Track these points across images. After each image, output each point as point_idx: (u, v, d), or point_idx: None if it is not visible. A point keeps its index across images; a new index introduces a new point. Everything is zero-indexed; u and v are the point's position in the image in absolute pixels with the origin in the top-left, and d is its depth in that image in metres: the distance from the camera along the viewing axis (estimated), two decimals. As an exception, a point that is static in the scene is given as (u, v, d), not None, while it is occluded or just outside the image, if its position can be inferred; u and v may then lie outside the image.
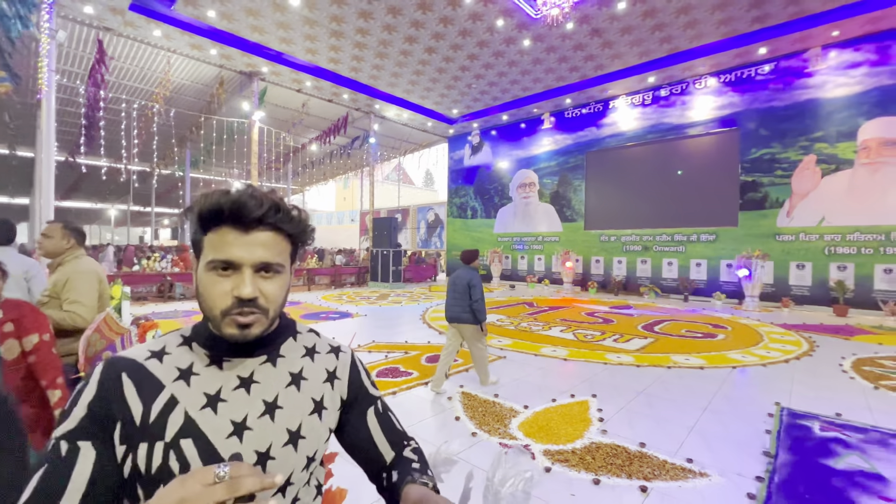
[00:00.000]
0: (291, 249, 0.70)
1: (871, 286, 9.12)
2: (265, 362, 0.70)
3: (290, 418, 0.68)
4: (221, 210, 0.62)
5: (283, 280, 0.67)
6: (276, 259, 0.65)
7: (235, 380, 0.66)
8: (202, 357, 0.67)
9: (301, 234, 0.70)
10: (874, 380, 4.46)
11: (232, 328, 0.63)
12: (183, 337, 0.69)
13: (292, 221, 0.67)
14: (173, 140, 15.95)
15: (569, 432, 3.15)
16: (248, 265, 0.62)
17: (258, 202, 0.62)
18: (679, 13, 8.96)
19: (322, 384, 0.75)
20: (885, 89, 9.06)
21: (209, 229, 0.64)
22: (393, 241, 14.21)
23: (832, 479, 2.55)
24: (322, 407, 0.74)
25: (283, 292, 0.68)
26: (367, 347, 5.68)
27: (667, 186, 12.30)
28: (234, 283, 0.62)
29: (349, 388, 0.80)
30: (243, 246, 0.62)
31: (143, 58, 11.75)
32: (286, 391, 0.70)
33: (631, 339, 6.31)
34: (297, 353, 0.75)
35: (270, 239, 0.64)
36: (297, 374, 0.73)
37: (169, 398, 0.62)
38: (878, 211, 9.08)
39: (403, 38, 10.24)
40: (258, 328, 0.64)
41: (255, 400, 0.66)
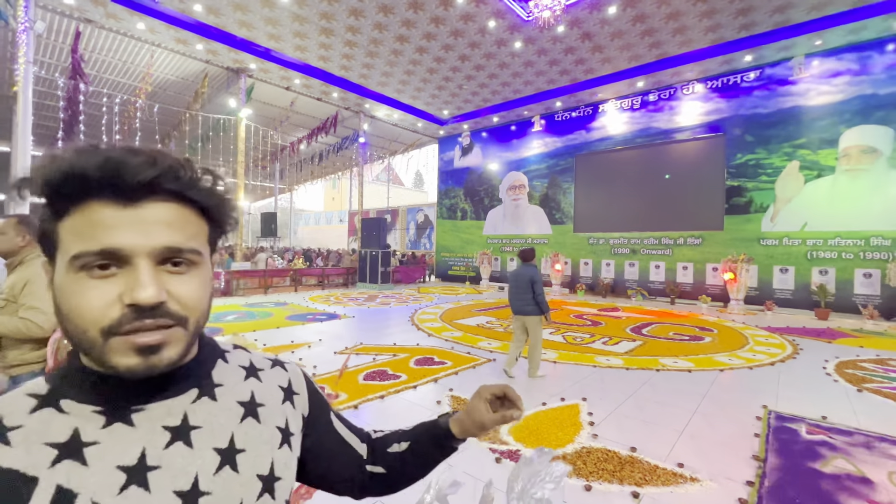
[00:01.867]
0: (209, 233, 0.50)
1: (852, 290, 9.33)
2: (199, 397, 0.50)
3: (257, 460, 0.52)
4: (85, 175, 0.41)
5: (201, 275, 0.48)
6: (187, 243, 0.45)
7: (163, 434, 0.46)
8: (89, 417, 0.44)
9: (219, 207, 0.50)
10: (857, 382, 4.53)
11: (127, 356, 0.42)
12: (36, 396, 0.44)
13: (205, 190, 0.47)
14: (157, 136, 15.58)
15: (559, 437, 3.11)
16: (142, 254, 0.42)
17: (148, 159, 0.43)
18: (668, 19, 9.07)
19: (281, 406, 0.59)
20: (865, 98, 9.29)
21: (66, 210, 0.43)
22: (382, 241, 14.08)
23: (821, 483, 2.56)
24: (290, 434, 0.58)
25: (204, 293, 0.48)
26: (355, 350, 5.58)
27: (654, 190, 12.44)
28: (124, 285, 0.42)
29: (310, 402, 0.65)
30: (131, 226, 0.42)
31: (126, 51, 11.45)
32: (243, 427, 0.52)
33: (620, 342, 6.33)
34: (238, 377, 0.56)
35: (174, 214, 0.45)
36: (249, 401, 0.55)
37: (55, 495, 0.39)
38: (858, 217, 9.30)
39: (394, 37, 10.16)
40: (174, 349, 0.44)
41: (202, 452, 0.48)
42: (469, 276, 16.85)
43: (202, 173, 0.48)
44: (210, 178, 0.49)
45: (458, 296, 12.27)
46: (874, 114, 9.17)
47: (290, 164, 22.56)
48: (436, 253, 18.86)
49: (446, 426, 0.73)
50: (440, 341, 6.23)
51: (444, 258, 18.14)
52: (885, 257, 8.95)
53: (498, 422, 0.72)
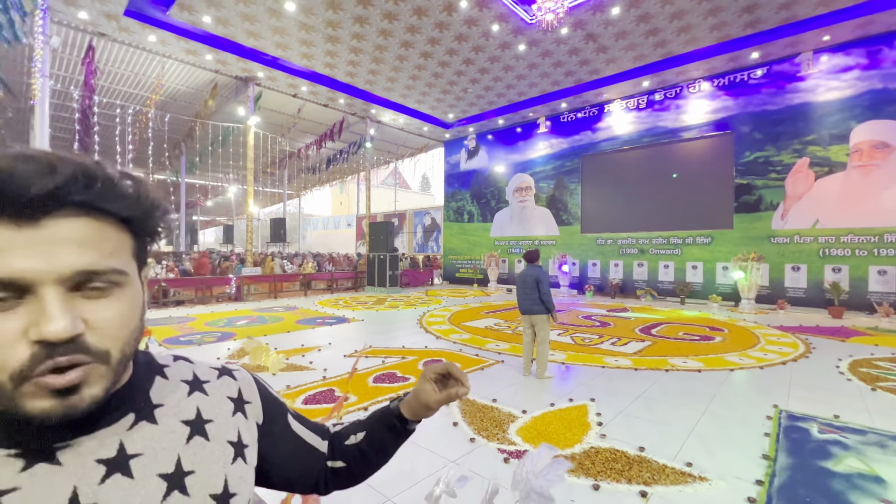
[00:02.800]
0: (134, 246, 0.44)
1: (866, 288, 9.17)
2: (136, 423, 0.46)
3: (209, 480, 0.48)
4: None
5: (127, 297, 0.42)
6: (105, 263, 0.39)
7: (97, 468, 0.42)
8: (5, 462, 0.39)
9: (144, 218, 0.44)
10: (871, 381, 4.47)
11: (43, 400, 0.36)
12: None
13: (125, 199, 0.41)
14: (165, 145, 15.89)
15: (568, 437, 3.13)
16: (48, 282, 0.36)
17: (45, 167, 0.36)
18: (673, 18, 9.05)
19: (232, 418, 0.55)
20: (875, 93, 9.16)
21: None
22: (390, 245, 14.18)
23: (831, 482, 2.54)
24: (243, 446, 0.55)
25: (131, 318, 0.42)
26: (364, 353, 5.64)
27: (662, 190, 12.36)
28: (28, 318, 0.36)
29: (264, 409, 0.62)
30: (30, 248, 0.36)
31: (138, 63, 11.73)
32: (190, 448, 0.49)
33: (628, 343, 6.31)
34: (180, 393, 0.52)
35: (86, 230, 0.38)
36: (195, 419, 0.51)
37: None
38: (871, 213, 9.16)
39: (399, 43, 10.27)
40: (97, 387, 0.39)
41: (145, 481, 0.44)
42: (477, 278, 16.87)
43: (120, 178, 0.42)
44: (130, 184, 0.43)
45: (467, 298, 12.30)
46: (885, 108, 9.04)
47: (298, 169, 22.82)
48: (443, 256, 18.92)
49: (397, 410, 0.74)
50: (448, 343, 6.27)
51: (452, 261, 18.18)
52: (899, 254, 8.80)
53: (443, 401, 0.72)
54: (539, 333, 4.61)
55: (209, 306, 10.41)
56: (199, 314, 9.09)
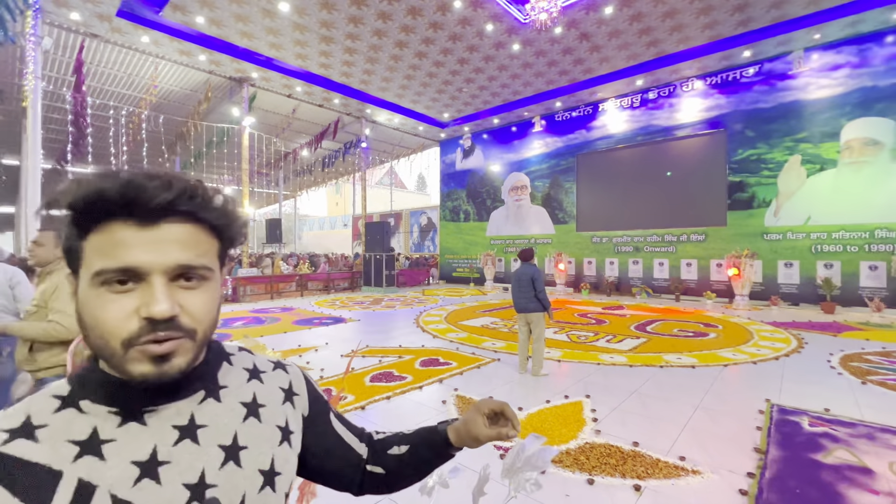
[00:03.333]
0: (219, 249, 0.54)
1: (858, 283, 9.29)
2: (205, 399, 0.54)
3: (259, 456, 0.56)
4: (106, 198, 0.45)
5: (211, 290, 0.51)
6: (199, 260, 0.49)
7: (172, 432, 0.50)
8: (106, 417, 0.48)
9: (229, 227, 0.54)
10: (862, 375, 4.54)
11: (143, 364, 0.46)
12: (59, 398, 0.48)
13: (216, 210, 0.51)
14: (163, 146, 15.81)
15: (563, 433, 3.17)
16: (157, 272, 0.46)
17: (163, 184, 0.46)
18: (665, 17, 9.11)
19: (281, 406, 0.63)
20: (865, 90, 9.27)
21: (90, 229, 0.47)
22: (386, 245, 14.18)
23: (821, 474, 2.59)
24: (289, 432, 0.62)
25: (213, 306, 0.52)
26: (361, 352, 5.65)
27: (656, 188, 12.44)
28: (141, 300, 0.46)
29: (310, 402, 0.69)
30: (148, 245, 0.46)
31: (131, 64, 11.66)
32: (245, 426, 0.56)
33: (623, 340, 6.36)
34: (241, 379, 0.61)
35: (187, 234, 0.49)
36: (251, 402, 0.59)
37: (77, 486, 0.43)
38: (861, 209, 9.26)
39: (394, 43, 10.28)
40: (183, 358, 0.48)
41: (208, 448, 0.52)
42: (473, 277, 16.90)
43: (213, 193, 0.52)
44: (221, 198, 0.52)
45: (463, 297, 12.33)
46: (875, 106, 9.15)
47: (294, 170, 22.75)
48: (440, 255, 18.94)
49: (444, 434, 0.74)
50: (445, 342, 6.30)
51: (449, 260, 18.21)
52: (890, 249, 8.91)
53: (493, 437, 0.72)
54: (535, 331, 4.65)
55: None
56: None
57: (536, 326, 4.64)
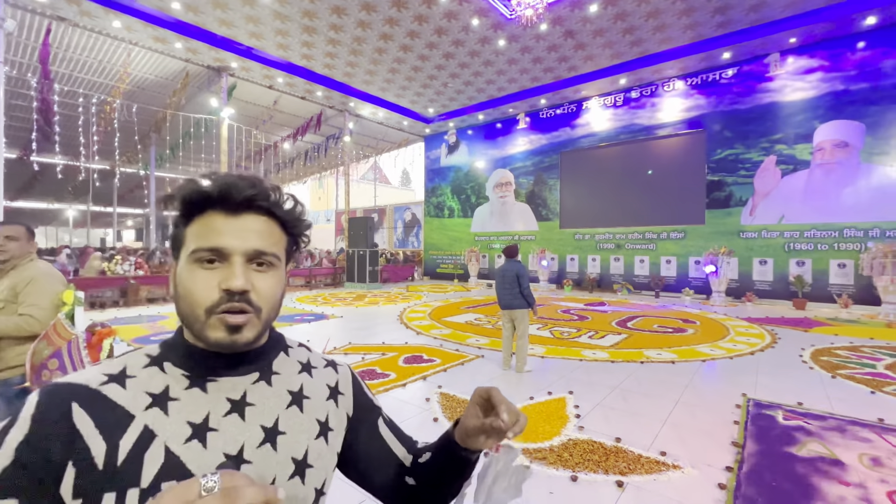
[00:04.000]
0: (287, 243, 0.63)
1: (827, 280, 9.64)
2: (258, 381, 0.61)
3: (294, 445, 0.60)
4: (208, 192, 0.55)
5: (277, 276, 0.60)
6: (270, 248, 0.58)
7: (225, 403, 0.57)
8: (179, 379, 0.56)
9: (296, 224, 0.63)
10: (831, 369, 4.70)
11: (219, 330, 0.54)
12: (150, 357, 0.58)
13: (287, 209, 0.61)
14: (136, 137, 15.23)
15: (546, 430, 3.17)
16: (238, 253, 0.55)
17: (249, 182, 0.57)
18: (648, 17, 9.21)
19: (325, 402, 0.67)
20: (837, 94, 9.58)
21: (192, 218, 0.57)
22: (369, 240, 14.04)
23: (796, 466, 2.66)
24: (328, 428, 0.66)
25: (278, 291, 0.60)
26: (343, 349, 5.57)
27: (638, 186, 12.64)
28: (223, 275, 0.55)
29: (355, 403, 0.72)
30: (233, 231, 0.56)
31: (102, 50, 11.16)
32: (287, 413, 0.61)
33: (605, 336, 6.44)
34: (293, 369, 0.67)
35: (263, 225, 0.58)
36: (297, 392, 0.64)
37: (142, 431, 0.51)
38: (832, 209, 9.60)
39: (378, 35, 10.12)
40: (250, 331, 0.56)
41: (251, 426, 0.57)
42: (458, 273, 16.90)
43: (287, 196, 0.61)
44: (292, 202, 0.62)
45: (447, 293, 12.31)
46: (846, 109, 9.47)
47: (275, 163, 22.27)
48: (424, 251, 18.86)
49: (451, 433, 0.68)
50: (429, 339, 6.26)
51: (433, 256, 18.16)
52: (857, 248, 9.27)
53: (479, 430, 0.62)
54: (519, 328, 4.66)
55: (182, 304, 10.08)
56: (172, 312, 8.80)
57: (521, 323, 4.65)
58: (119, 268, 10.29)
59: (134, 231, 36.67)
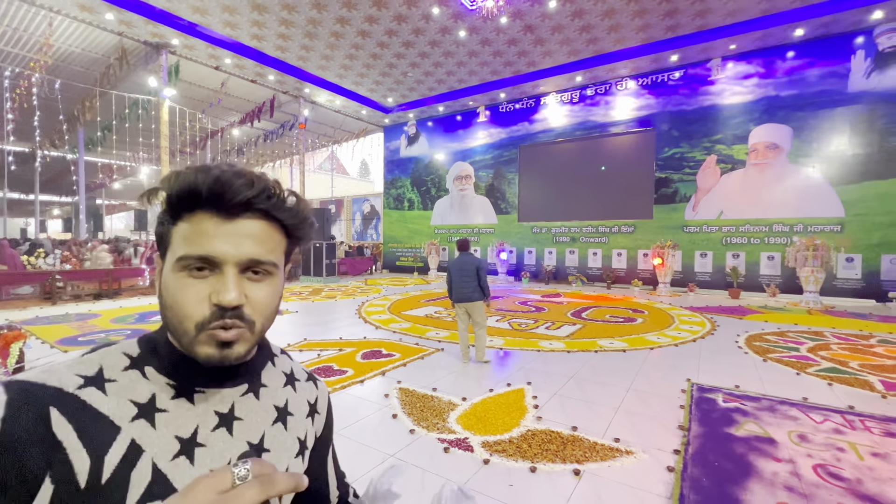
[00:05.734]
0: (286, 246, 0.56)
1: (758, 271, 10.48)
2: (246, 393, 0.57)
3: (277, 464, 0.56)
4: (198, 191, 0.48)
5: (274, 285, 0.54)
6: (267, 256, 0.52)
7: (213, 417, 0.53)
8: (164, 388, 0.51)
9: (299, 226, 0.56)
10: (763, 353, 5.09)
11: (209, 347, 0.49)
12: (129, 357, 0.52)
13: (289, 210, 0.54)
14: (61, 116, 13.76)
15: (506, 422, 3.19)
16: (231, 262, 0.49)
17: (247, 182, 0.49)
18: (604, 16, 9.47)
19: (305, 419, 0.64)
20: (770, 99, 10.36)
21: (179, 217, 0.50)
22: (326, 232, 13.60)
23: (734, 446, 2.84)
24: (305, 447, 0.63)
25: (274, 301, 0.54)
26: (298, 346, 5.35)
27: (592, 181, 13.09)
28: (213, 287, 0.49)
29: (325, 425, 0.70)
30: (226, 237, 0.49)
31: (18, 17, 9.92)
32: (273, 430, 0.58)
33: (561, 327, 6.63)
34: (279, 382, 0.63)
35: (261, 230, 0.52)
36: (282, 408, 0.61)
37: (129, 446, 0.46)
38: (763, 206, 10.43)
39: (335, 18, 9.70)
40: (242, 346, 0.51)
41: (238, 442, 0.54)
42: (417, 266, 16.80)
43: (288, 195, 0.55)
44: (294, 200, 0.55)
45: (407, 287, 12.20)
46: (777, 113, 10.27)
47: (223, 150, 20.97)
48: (383, 244, 18.58)
49: None
50: (388, 333, 6.15)
51: (392, 249, 17.93)
52: (784, 241, 10.13)
53: None
54: (477, 319, 4.67)
55: (117, 301, 9.29)
56: (105, 310, 8.09)
57: (479, 314, 4.66)
58: (42, 261, 9.30)
59: (61, 221, 33.36)
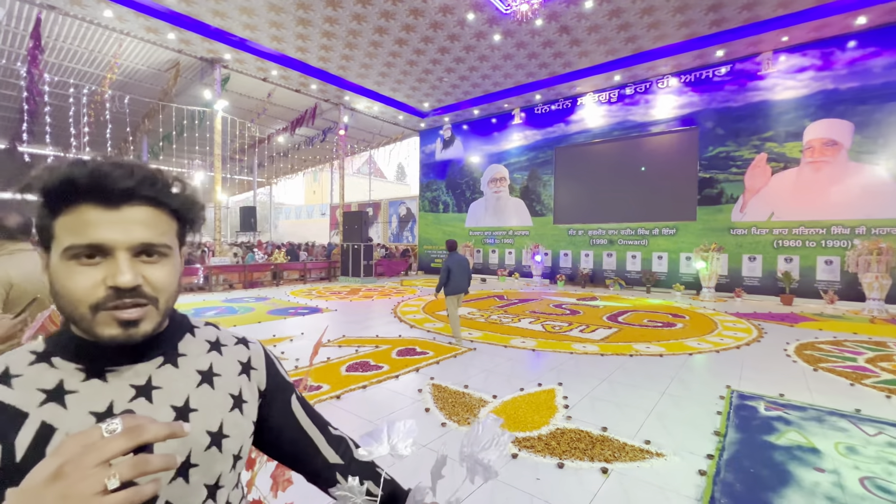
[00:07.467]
0: (178, 229, 0.60)
1: (814, 276, 9.81)
2: (163, 364, 0.61)
3: (208, 419, 0.61)
4: (75, 184, 0.50)
5: (171, 265, 0.57)
6: (159, 239, 0.55)
7: (130, 390, 0.56)
8: (73, 373, 0.54)
9: (188, 210, 0.60)
10: (814, 363, 4.82)
11: (111, 327, 0.52)
12: (34, 353, 0.56)
13: (175, 195, 0.57)
14: (128, 128, 15.07)
15: (535, 420, 3.25)
16: (122, 248, 0.52)
17: (126, 171, 0.52)
18: (643, 14, 9.25)
19: (237, 377, 0.68)
20: (827, 93, 9.70)
21: (61, 210, 0.52)
22: (364, 235, 14.04)
23: (774, 454, 2.76)
24: (242, 401, 0.67)
25: (173, 279, 0.58)
26: (338, 342, 5.62)
27: (631, 182, 12.74)
28: (107, 271, 0.52)
29: (268, 378, 0.73)
30: (113, 224, 0.52)
31: (93, 40, 11.01)
32: (199, 391, 0.62)
33: (596, 330, 6.54)
34: (201, 349, 0.67)
35: (149, 216, 0.54)
36: (207, 371, 0.65)
37: (40, 427, 0.50)
38: (820, 207, 9.76)
39: (373, 28, 10.07)
40: (149, 323, 0.54)
41: (160, 408, 0.57)
42: (452, 268, 16.93)
43: (173, 181, 0.58)
44: (180, 185, 0.59)
45: (441, 288, 12.35)
46: (835, 108, 9.59)
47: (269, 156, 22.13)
48: (418, 246, 18.90)
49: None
50: (422, 332, 6.33)
51: (427, 251, 18.20)
52: (844, 245, 9.43)
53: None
54: (460, 305, 5.91)
55: (175, 297, 10.05)
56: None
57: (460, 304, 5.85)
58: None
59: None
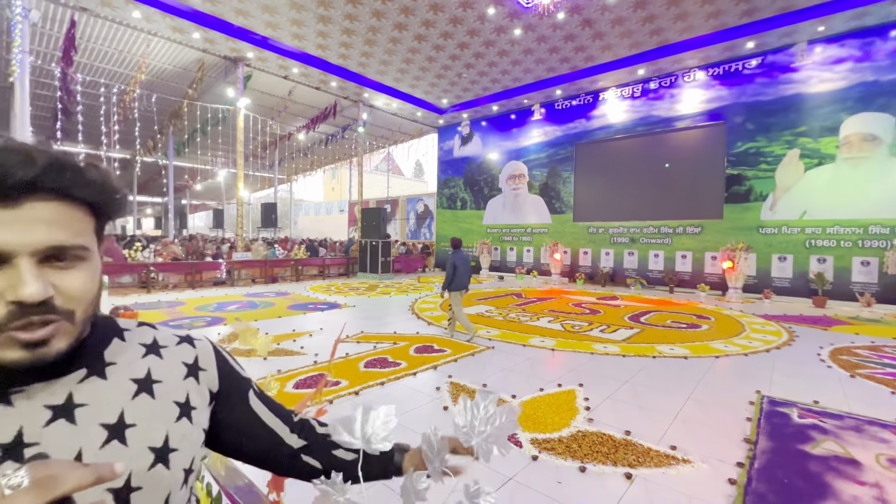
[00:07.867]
0: (95, 224, 0.50)
1: (849, 278, 9.37)
2: (87, 378, 0.51)
3: (149, 433, 0.53)
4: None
5: (88, 269, 0.48)
6: (73, 240, 0.46)
7: (44, 412, 0.47)
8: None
9: (106, 202, 0.50)
10: (850, 368, 4.59)
11: (13, 350, 0.43)
12: None
13: (90, 185, 0.47)
14: (155, 126, 15.51)
15: (556, 421, 3.18)
16: (24, 253, 0.42)
17: (25, 158, 0.42)
18: (669, 5, 8.96)
19: (183, 381, 0.60)
20: (866, 85, 9.22)
21: None
22: (382, 231, 14.11)
23: (809, 464, 2.63)
24: (190, 408, 0.59)
25: (92, 285, 0.48)
26: (356, 338, 5.65)
27: (654, 179, 12.41)
28: (7, 283, 0.42)
29: (220, 377, 0.65)
30: (9, 225, 0.42)
31: (122, 40, 11.34)
32: (135, 403, 0.53)
33: (617, 330, 6.40)
34: (135, 355, 0.57)
35: (57, 212, 0.44)
36: (144, 378, 0.56)
37: None
38: (857, 205, 9.30)
39: (393, 25, 10.06)
40: (62, 341, 0.45)
41: (87, 428, 0.48)
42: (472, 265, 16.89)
43: (86, 166, 0.48)
44: (95, 172, 0.48)
45: (458, 285, 12.32)
46: (875, 101, 9.11)
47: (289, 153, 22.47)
48: (436, 243, 18.90)
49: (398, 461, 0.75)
50: (440, 330, 6.31)
51: (445, 248, 18.18)
52: (883, 245, 8.97)
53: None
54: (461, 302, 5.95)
55: (198, 291, 10.32)
56: (189, 299, 9.02)
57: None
58: (140, 255, 10.55)
59: (153, 219, 37.50)
